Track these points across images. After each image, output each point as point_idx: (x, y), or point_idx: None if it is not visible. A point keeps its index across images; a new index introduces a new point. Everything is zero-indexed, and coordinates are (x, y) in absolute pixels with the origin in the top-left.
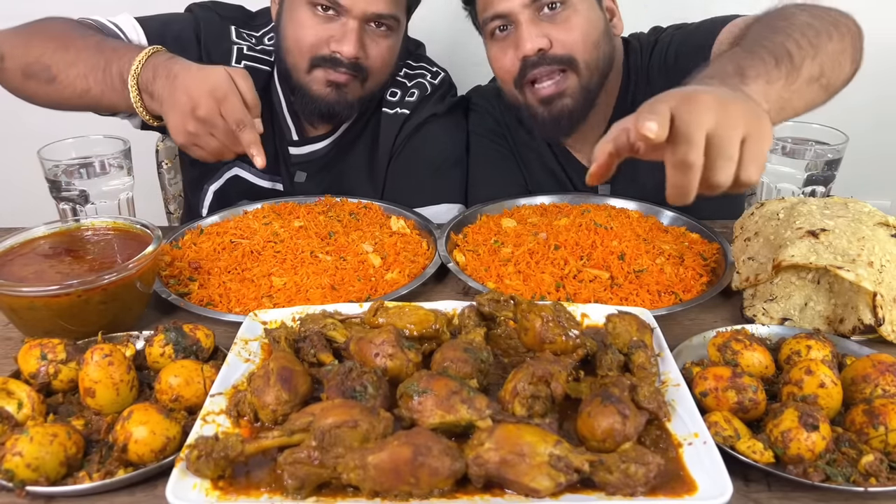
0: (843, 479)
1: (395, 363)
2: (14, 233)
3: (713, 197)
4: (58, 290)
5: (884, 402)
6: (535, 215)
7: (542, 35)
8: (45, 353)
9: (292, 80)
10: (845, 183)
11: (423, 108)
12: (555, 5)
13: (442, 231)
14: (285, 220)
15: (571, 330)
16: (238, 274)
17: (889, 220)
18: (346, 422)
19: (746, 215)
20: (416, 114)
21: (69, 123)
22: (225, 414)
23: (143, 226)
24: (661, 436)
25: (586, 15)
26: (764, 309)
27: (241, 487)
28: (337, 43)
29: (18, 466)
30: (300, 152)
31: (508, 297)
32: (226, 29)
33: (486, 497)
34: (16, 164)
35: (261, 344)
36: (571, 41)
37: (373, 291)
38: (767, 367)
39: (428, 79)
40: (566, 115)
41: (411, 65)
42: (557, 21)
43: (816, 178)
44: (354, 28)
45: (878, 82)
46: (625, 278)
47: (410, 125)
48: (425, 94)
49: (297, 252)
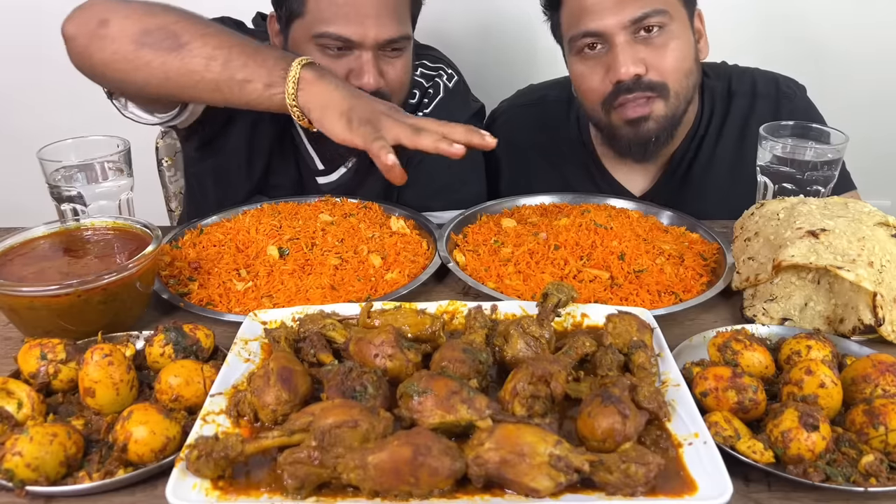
0: (843, 479)
1: (395, 363)
2: (14, 233)
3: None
4: (58, 290)
5: (884, 402)
6: (535, 215)
7: (639, 60)
8: (45, 353)
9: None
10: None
11: (440, 114)
12: (652, 28)
13: (442, 231)
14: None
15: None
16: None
17: (889, 220)
18: (346, 422)
19: (746, 215)
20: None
21: (69, 123)
22: (225, 414)
23: (143, 226)
24: (661, 436)
25: (682, 40)
26: (764, 309)
27: (241, 487)
28: (356, 78)
29: (18, 466)
30: (329, 181)
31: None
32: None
33: (486, 497)
34: (16, 164)
35: (261, 344)
36: (667, 68)
37: (373, 291)
38: (767, 367)
39: (444, 80)
40: (652, 140)
41: (427, 65)
42: (654, 45)
43: (816, 178)
44: (370, 59)
45: (879, 82)
46: (625, 278)
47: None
48: (440, 97)
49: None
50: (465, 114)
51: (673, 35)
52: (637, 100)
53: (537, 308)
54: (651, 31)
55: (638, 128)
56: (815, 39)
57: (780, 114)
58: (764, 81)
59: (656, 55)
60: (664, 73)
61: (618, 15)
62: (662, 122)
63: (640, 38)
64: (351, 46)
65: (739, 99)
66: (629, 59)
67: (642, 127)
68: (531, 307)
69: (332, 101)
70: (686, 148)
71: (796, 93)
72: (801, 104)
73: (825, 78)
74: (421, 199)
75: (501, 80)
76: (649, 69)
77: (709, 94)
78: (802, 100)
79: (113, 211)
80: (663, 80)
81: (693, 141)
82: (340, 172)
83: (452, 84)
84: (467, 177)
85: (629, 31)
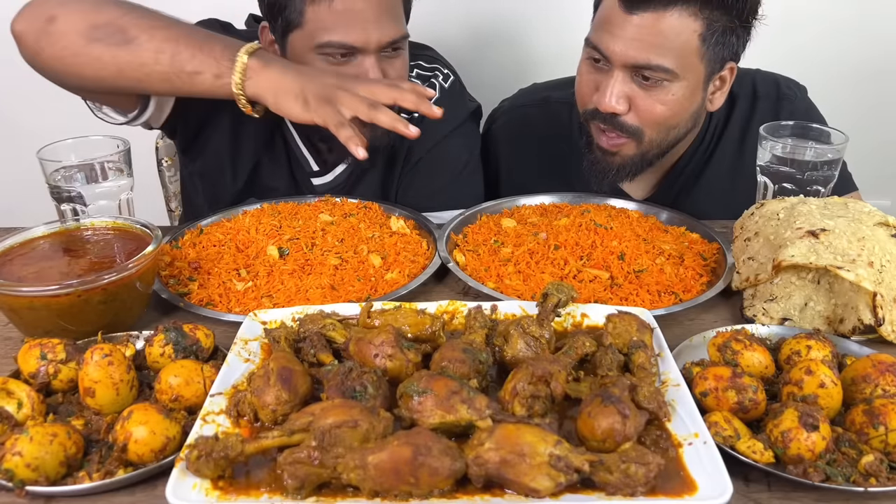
0: (843, 480)
1: (395, 363)
2: (14, 233)
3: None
4: (58, 290)
5: (884, 402)
6: (535, 215)
7: (625, 98)
8: (45, 353)
9: (325, 132)
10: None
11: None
12: (650, 80)
13: (442, 231)
14: (291, 221)
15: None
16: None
17: (889, 220)
18: (346, 422)
19: (746, 215)
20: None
21: (69, 124)
22: (225, 414)
23: (143, 226)
24: (661, 436)
25: (680, 98)
26: (764, 309)
27: (241, 487)
28: None
29: (18, 466)
30: (324, 182)
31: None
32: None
33: (486, 497)
34: (16, 164)
35: (261, 344)
36: (647, 118)
37: (373, 291)
38: (767, 367)
39: (440, 80)
40: (614, 171)
41: (423, 65)
42: (648, 90)
43: (816, 178)
44: (374, 63)
45: (879, 82)
46: (625, 278)
47: (426, 141)
48: (436, 98)
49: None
50: (462, 114)
51: (670, 92)
52: (609, 132)
53: (537, 308)
54: (647, 80)
55: (604, 155)
56: (816, 39)
57: (780, 115)
58: (764, 83)
59: (644, 100)
60: (644, 120)
61: (625, 51)
62: (629, 160)
63: (637, 81)
64: (354, 52)
65: (740, 101)
66: (615, 94)
67: (608, 157)
68: (531, 307)
69: (283, 85)
70: (688, 160)
71: (797, 94)
72: (801, 105)
73: (826, 77)
74: (419, 199)
75: (497, 79)
76: (632, 110)
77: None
78: (803, 101)
79: (113, 211)
80: (640, 126)
81: (696, 153)
82: (336, 173)
83: (448, 84)
84: (465, 178)
85: (629, 69)
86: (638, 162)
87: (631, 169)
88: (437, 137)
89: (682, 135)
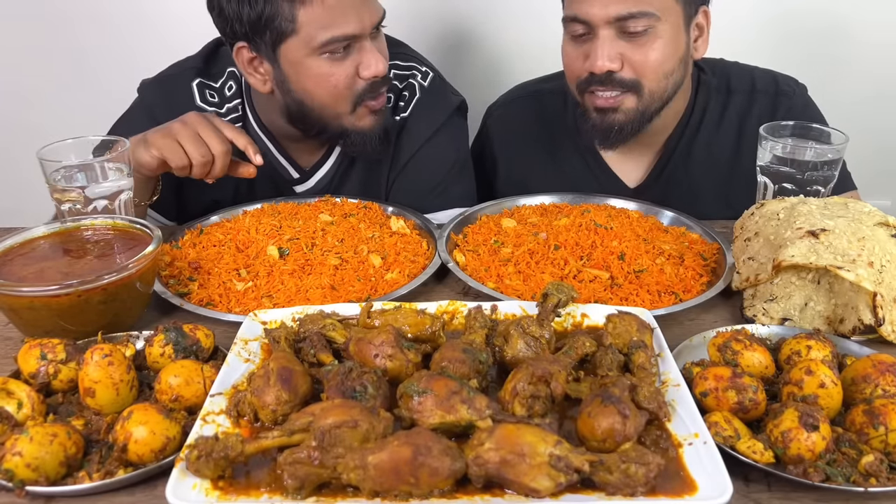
0: (843, 480)
1: (395, 363)
2: (14, 233)
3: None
4: (58, 290)
5: (884, 402)
6: (535, 215)
7: (616, 56)
8: (45, 353)
9: (331, 128)
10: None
11: (419, 115)
12: (637, 30)
13: (442, 231)
14: (290, 221)
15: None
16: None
17: (889, 220)
18: (346, 422)
19: (746, 215)
20: (413, 122)
21: (69, 124)
22: (225, 414)
23: (142, 226)
24: (662, 436)
25: (669, 40)
26: (764, 309)
27: (241, 487)
28: (366, 69)
29: (18, 466)
30: (306, 188)
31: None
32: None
33: (486, 497)
34: (15, 164)
35: (261, 344)
36: (644, 68)
37: (373, 291)
38: (767, 367)
39: (418, 79)
40: (616, 129)
41: (400, 65)
42: (636, 42)
43: (816, 178)
44: (371, 46)
45: (879, 82)
46: (625, 278)
47: (412, 142)
48: (417, 98)
49: (305, 252)
50: (446, 111)
51: (658, 35)
52: (607, 92)
53: (537, 308)
54: (634, 34)
55: (605, 116)
56: (816, 39)
57: (777, 111)
58: (763, 79)
59: (636, 53)
60: (640, 72)
61: (605, 9)
62: (631, 115)
63: (624, 35)
64: (352, 42)
65: (737, 96)
66: (606, 53)
67: (609, 116)
68: (531, 307)
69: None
70: (679, 137)
71: (795, 91)
72: (799, 102)
73: (826, 78)
74: (410, 199)
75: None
76: (626, 65)
77: (703, 89)
78: (801, 98)
79: (113, 211)
80: (637, 78)
81: (686, 129)
82: (317, 178)
83: (428, 82)
84: (455, 175)
85: (613, 27)
86: (639, 118)
87: (633, 126)
88: (423, 138)
89: (678, 81)
